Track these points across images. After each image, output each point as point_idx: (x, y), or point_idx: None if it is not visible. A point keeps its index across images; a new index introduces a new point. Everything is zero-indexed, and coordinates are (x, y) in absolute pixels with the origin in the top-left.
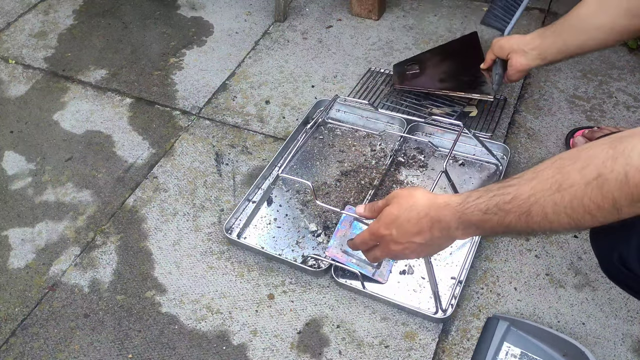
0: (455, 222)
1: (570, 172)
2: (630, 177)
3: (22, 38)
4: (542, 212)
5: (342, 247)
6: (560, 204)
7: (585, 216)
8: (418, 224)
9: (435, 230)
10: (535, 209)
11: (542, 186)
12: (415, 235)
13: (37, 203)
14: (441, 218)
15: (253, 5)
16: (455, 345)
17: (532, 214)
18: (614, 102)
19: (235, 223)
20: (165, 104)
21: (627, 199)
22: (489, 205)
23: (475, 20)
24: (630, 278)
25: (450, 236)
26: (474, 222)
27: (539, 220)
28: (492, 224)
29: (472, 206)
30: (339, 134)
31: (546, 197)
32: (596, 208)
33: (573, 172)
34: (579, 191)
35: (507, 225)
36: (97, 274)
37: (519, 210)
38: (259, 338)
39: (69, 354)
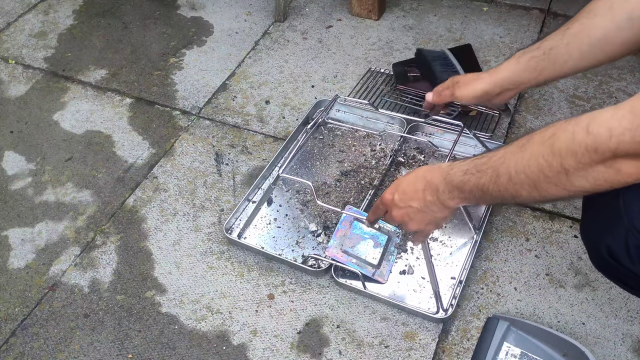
0: (442, 183)
1: (534, 135)
2: (576, 134)
3: (22, 38)
4: (507, 173)
5: (342, 247)
6: (521, 162)
7: (540, 176)
8: (414, 186)
9: (427, 194)
10: (502, 169)
11: (510, 148)
12: (412, 199)
13: (37, 203)
14: (432, 179)
15: (253, 5)
16: (455, 345)
17: (500, 175)
18: (614, 102)
19: (235, 223)
20: (165, 104)
21: (573, 159)
22: (469, 167)
23: (475, 20)
24: (619, 270)
25: (440, 200)
26: (456, 184)
27: (505, 182)
28: (470, 186)
29: (456, 168)
30: (339, 134)
31: (511, 157)
32: (548, 166)
33: (536, 135)
34: (535, 149)
35: (482, 187)
36: (97, 274)
37: (491, 170)
38: (259, 338)
39: (69, 354)
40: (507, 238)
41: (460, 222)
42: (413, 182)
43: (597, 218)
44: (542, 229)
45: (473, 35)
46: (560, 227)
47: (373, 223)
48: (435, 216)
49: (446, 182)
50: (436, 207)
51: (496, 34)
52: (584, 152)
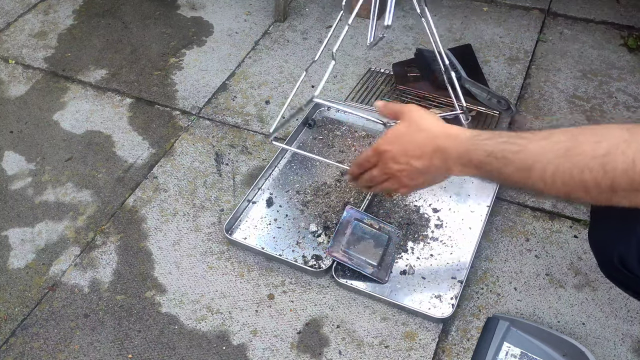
0: (458, 155)
1: (583, 143)
2: (638, 163)
3: (22, 38)
4: (542, 172)
5: (342, 247)
6: (562, 169)
7: (579, 189)
8: (422, 148)
9: (436, 159)
10: (537, 167)
11: (551, 147)
12: (416, 159)
13: (37, 203)
14: (447, 148)
15: (253, 5)
16: (455, 345)
17: (532, 171)
18: (614, 102)
19: (235, 223)
20: (165, 104)
21: (626, 184)
22: (495, 149)
23: (475, 20)
24: (629, 279)
25: (448, 168)
26: (475, 162)
27: (535, 179)
28: (491, 169)
29: (479, 144)
30: (338, 134)
31: (551, 159)
32: (594, 184)
33: (585, 143)
34: (583, 162)
35: (504, 174)
36: (97, 274)
37: (521, 164)
38: (259, 338)
39: (69, 354)
40: (507, 238)
41: (461, 222)
42: (421, 142)
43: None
44: (542, 229)
45: (473, 35)
46: (560, 227)
47: (356, 178)
48: (434, 180)
49: (462, 156)
50: (440, 172)
51: (496, 34)
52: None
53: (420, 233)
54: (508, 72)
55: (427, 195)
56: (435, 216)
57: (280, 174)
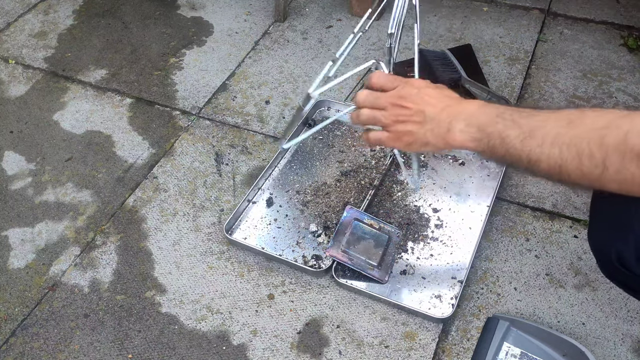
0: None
1: (586, 115)
2: (630, 137)
3: (22, 38)
4: (541, 138)
5: (342, 247)
6: (562, 137)
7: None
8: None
9: (445, 113)
10: (538, 133)
11: (556, 116)
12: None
13: (37, 203)
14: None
15: (253, 5)
16: (455, 345)
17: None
18: (614, 102)
19: (235, 223)
20: (165, 104)
21: (618, 159)
22: (505, 112)
23: (475, 20)
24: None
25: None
26: (481, 122)
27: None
28: (493, 130)
29: (492, 108)
30: (338, 134)
31: (553, 126)
32: (588, 155)
33: (587, 117)
34: (583, 132)
35: (505, 138)
36: (97, 274)
37: (525, 127)
38: (259, 338)
39: (69, 354)
40: (507, 238)
41: (461, 222)
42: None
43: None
44: (542, 229)
45: (473, 35)
46: (560, 227)
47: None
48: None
49: (472, 114)
50: (440, 129)
51: (496, 34)
52: (632, 157)
53: (420, 233)
54: (508, 72)
55: (427, 195)
56: (435, 216)
57: (280, 174)
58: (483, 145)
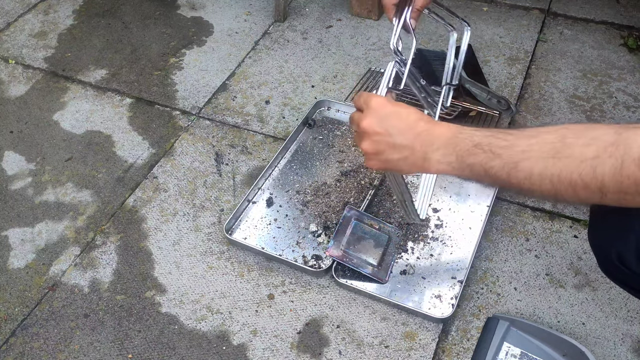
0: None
1: (572, 145)
2: (625, 166)
3: (22, 38)
4: (528, 171)
5: (342, 247)
6: (550, 170)
7: (568, 190)
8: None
9: (418, 142)
10: (524, 165)
11: (539, 147)
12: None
13: (37, 203)
14: (434, 131)
15: (253, 5)
16: (455, 345)
17: (519, 169)
18: (614, 102)
19: (235, 223)
20: (165, 104)
21: (615, 186)
22: (482, 141)
23: (475, 20)
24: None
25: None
26: (458, 151)
27: (521, 178)
28: (474, 162)
29: (467, 134)
30: (338, 134)
31: (539, 159)
32: (583, 186)
33: (574, 146)
34: (573, 165)
35: (488, 169)
36: (97, 274)
37: (508, 159)
38: (259, 338)
39: (69, 354)
40: (507, 238)
41: (461, 222)
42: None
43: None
44: (542, 229)
45: (473, 35)
46: (560, 227)
47: None
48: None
49: (448, 143)
50: (415, 158)
51: (496, 34)
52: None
53: (420, 233)
54: (508, 72)
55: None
56: (435, 216)
57: (280, 174)
58: (466, 174)
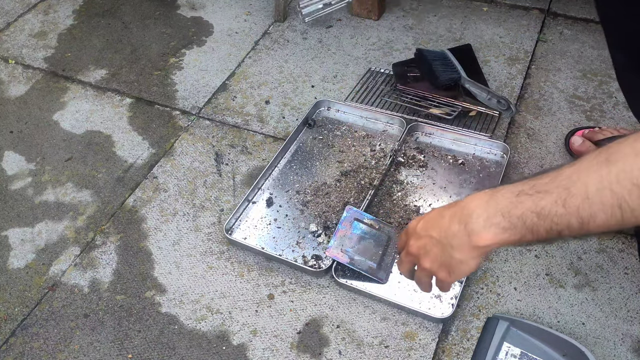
0: (481, 207)
1: (620, 146)
2: None
3: (22, 38)
4: (584, 191)
5: (342, 247)
6: (606, 177)
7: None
8: (441, 212)
9: (454, 222)
10: (576, 188)
11: (586, 164)
12: (433, 227)
13: (37, 203)
14: (467, 203)
15: (253, 5)
16: (455, 345)
17: (573, 195)
18: (614, 102)
19: (235, 223)
20: (165, 104)
21: None
22: (523, 187)
23: (475, 20)
24: None
25: (467, 231)
26: (503, 207)
27: (578, 203)
28: (523, 210)
29: (504, 189)
30: (338, 134)
31: (590, 172)
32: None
33: (623, 146)
34: (629, 161)
35: (542, 210)
36: (97, 274)
37: (559, 190)
38: (259, 338)
39: (69, 354)
40: None
41: None
42: (444, 208)
43: None
44: None
45: (473, 35)
46: None
47: (406, 270)
48: (452, 255)
49: (487, 205)
50: (458, 241)
51: (496, 34)
52: None
53: None
54: (508, 72)
55: (427, 195)
56: None
57: (280, 174)
58: (519, 231)
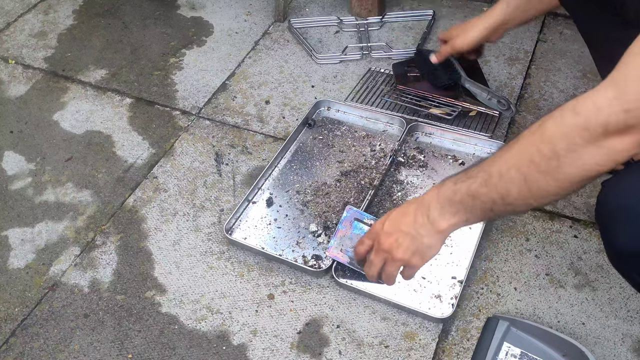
0: (434, 199)
1: (522, 133)
2: (565, 117)
3: (22, 38)
4: (498, 171)
5: (342, 247)
6: (511, 158)
7: (530, 167)
8: (405, 210)
9: (419, 214)
10: (493, 169)
11: (500, 151)
12: (401, 223)
13: (37, 203)
14: (424, 198)
15: (253, 5)
16: (455, 345)
17: (492, 175)
18: None
19: (235, 223)
20: (165, 104)
21: (563, 140)
22: (459, 176)
23: None
24: None
25: (430, 221)
26: (447, 196)
27: (495, 182)
28: (461, 195)
29: (447, 181)
30: (338, 134)
31: (501, 156)
32: (538, 154)
33: (524, 132)
34: (525, 141)
35: (473, 192)
36: (97, 274)
37: (482, 173)
38: (259, 338)
39: (69, 354)
40: (507, 238)
41: None
42: (404, 207)
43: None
44: (542, 229)
45: None
46: (560, 227)
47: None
48: (422, 242)
49: (438, 197)
50: (425, 229)
51: None
52: (575, 133)
53: None
54: (508, 72)
55: None
56: None
57: (280, 174)
58: (463, 212)
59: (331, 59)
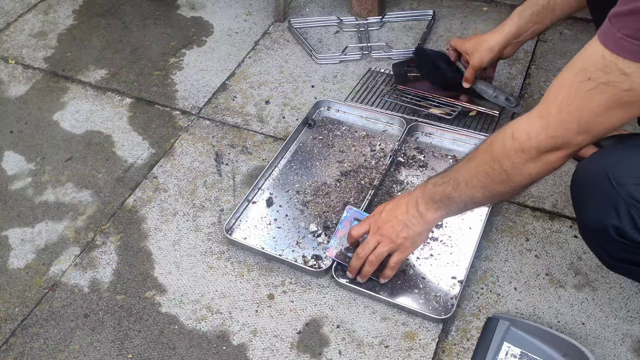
0: (420, 196)
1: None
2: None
3: (22, 38)
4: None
5: (342, 247)
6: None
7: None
8: (398, 202)
9: (410, 206)
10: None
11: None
12: (397, 211)
13: (37, 203)
14: (412, 194)
15: (253, 5)
16: (455, 345)
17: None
18: None
19: (235, 223)
20: (165, 104)
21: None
22: (438, 180)
23: (475, 20)
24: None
25: (419, 212)
26: (429, 195)
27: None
28: (440, 196)
29: (430, 182)
30: (338, 134)
31: (464, 167)
32: (491, 170)
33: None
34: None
35: (448, 195)
36: (97, 274)
37: (452, 180)
38: (259, 338)
39: (69, 354)
40: (507, 238)
41: (461, 222)
42: (397, 200)
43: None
44: (542, 229)
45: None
46: (560, 227)
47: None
48: (414, 230)
49: (423, 195)
50: (416, 220)
51: None
52: (514, 155)
53: None
54: (508, 72)
55: None
56: None
57: (280, 174)
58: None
59: (331, 59)
